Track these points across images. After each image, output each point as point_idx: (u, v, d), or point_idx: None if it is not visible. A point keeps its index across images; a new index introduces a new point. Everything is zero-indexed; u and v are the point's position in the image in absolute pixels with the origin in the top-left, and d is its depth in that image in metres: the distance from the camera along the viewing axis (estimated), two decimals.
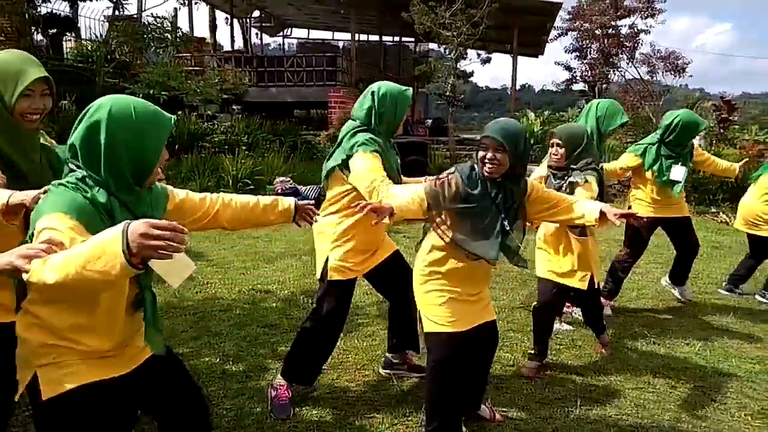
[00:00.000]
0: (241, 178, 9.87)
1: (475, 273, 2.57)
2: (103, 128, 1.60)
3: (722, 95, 17.94)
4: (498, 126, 2.40)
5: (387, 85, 2.94)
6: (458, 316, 2.53)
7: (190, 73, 14.38)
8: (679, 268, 4.94)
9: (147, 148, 1.67)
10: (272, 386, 3.10)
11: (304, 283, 5.24)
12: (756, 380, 3.58)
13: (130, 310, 1.76)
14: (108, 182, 1.63)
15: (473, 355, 2.70)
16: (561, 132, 3.38)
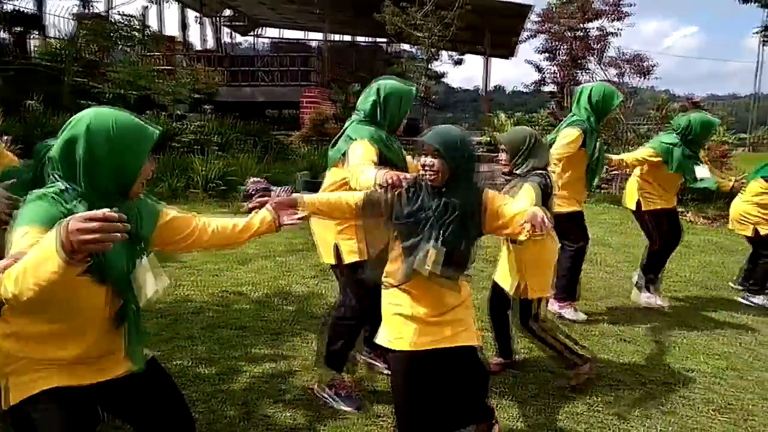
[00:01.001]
0: (212, 179, 9.77)
1: (434, 292, 2.31)
2: (81, 142, 1.59)
3: (689, 97, 18.36)
4: (435, 132, 2.28)
5: (393, 82, 2.98)
6: (407, 336, 2.33)
7: (161, 72, 14.19)
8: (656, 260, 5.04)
9: (127, 162, 1.65)
10: (322, 386, 3.11)
11: (278, 284, 5.21)
12: (722, 376, 3.67)
13: (113, 323, 1.74)
14: (89, 194, 1.61)
15: (444, 380, 2.44)
16: (503, 137, 3.34)
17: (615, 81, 16.54)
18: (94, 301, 1.67)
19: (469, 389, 2.51)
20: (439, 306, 2.33)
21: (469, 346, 2.37)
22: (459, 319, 2.37)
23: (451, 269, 2.21)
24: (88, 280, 1.60)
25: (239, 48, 29.87)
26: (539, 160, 3.19)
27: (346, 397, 3.08)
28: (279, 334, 4.08)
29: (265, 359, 3.66)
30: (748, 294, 5.24)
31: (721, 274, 6.09)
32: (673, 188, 4.85)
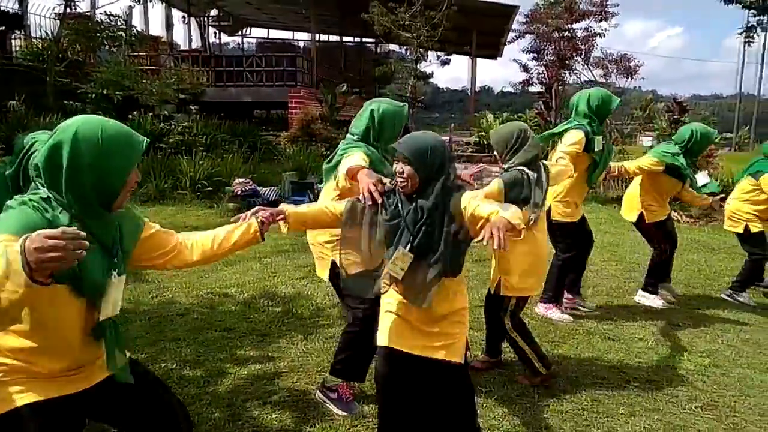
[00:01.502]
0: (198, 180, 9.71)
1: None
2: (66, 149, 1.56)
3: (674, 97, 18.54)
4: (407, 139, 2.28)
5: (385, 105, 3.01)
6: (391, 333, 2.34)
7: (146, 72, 14.08)
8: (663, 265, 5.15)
9: (111, 172, 1.62)
10: (325, 388, 3.11)
11: (264, 285, 5.19)
12: (706, 373, 3.70)
13: (92, 335, 1.72)
14: (71, 204, 1.59)
15: (421, 390, 2.41)
16: (491, 135, 3.48)
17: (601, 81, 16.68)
18: (71, 314, 1.65)
19: (451, 407, 2.42)
20: (427, 314, 2.30)
21: (451, 362, 2.31)
22: (447, 332, 2.33)
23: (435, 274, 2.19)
24: (65, 293, 1.58)
25: (226, 48, 29.78)
26: (524, 153, 3.25)
27: (348, 403, 3.07)
28: (265, 335, 4.06)
29: (251, 361, 3.64)
30: (731, 291, 5.30)
31: (705, 273, 6.15)
32: (667, 198, 4.98)
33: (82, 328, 1.69)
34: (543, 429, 2.98)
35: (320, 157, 11.92)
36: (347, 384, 3.11)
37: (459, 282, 2.36)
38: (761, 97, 43.25)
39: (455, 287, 2.33)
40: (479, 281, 5.42)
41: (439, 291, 2.24)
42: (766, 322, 4.71)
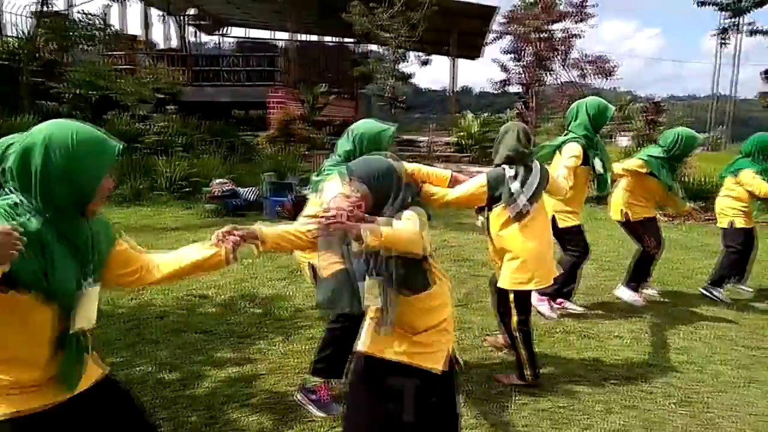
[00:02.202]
0: (176, 180, 9.61)
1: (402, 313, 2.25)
2: (37, 153, 1.54)
3: (650, 98, 18.82)
4: (359, 161, 2.31)
5: (365, 127, 3.01)
6: (368, 340, 2.32)
7: (122, 72, 13.92)
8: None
9: (84, 177, 1.59)
10: (306, 390, 3.10)
11: (244, 287, 5.15)
12: (681, 370, 3.77)
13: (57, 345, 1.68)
14: (44, 209, 1.56)
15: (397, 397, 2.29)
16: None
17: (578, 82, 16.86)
18: (40, 324, 1.61)
19: (431, 416, 2.31)
20: (408, 327, 2.28)
21: (431, 371, 2.26)
22: (429, 342, 2.29)
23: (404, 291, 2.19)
24: (32, 301, 1.55)
25: (204, 47, 29.49)
26: (503, 150, 3.35)
27: (326, 405, 3.06)
28: (244, 337, 4.03)
29: (229, 363, 3.62)
30: (708, 285, 5.43)
31: (680, 270, 6.25)
32: (653, 198, 5.03)
33: (52, 338, 1.65)
34: (521, 427, 3.00)
35: (299, 158, 11.90)
36: (327, 386, 3.11)
37: (434, 297, 2.30)
38: (736, 97, 44.13)
39: (431, 302, 2.29)
40: (457, 281, 5.45)
41: (413, 309, 2.24)
42: (739, 318, 4.80)
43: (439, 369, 2.26)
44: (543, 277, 3.41)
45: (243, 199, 9.13)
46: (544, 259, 3.43)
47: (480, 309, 4.76)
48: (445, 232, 7.72)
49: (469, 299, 5.01)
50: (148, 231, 7.40)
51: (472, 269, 5.93)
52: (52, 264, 1.55)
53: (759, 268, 5.98)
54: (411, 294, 2.23)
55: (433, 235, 7.34)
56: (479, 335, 4.20)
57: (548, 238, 3.56)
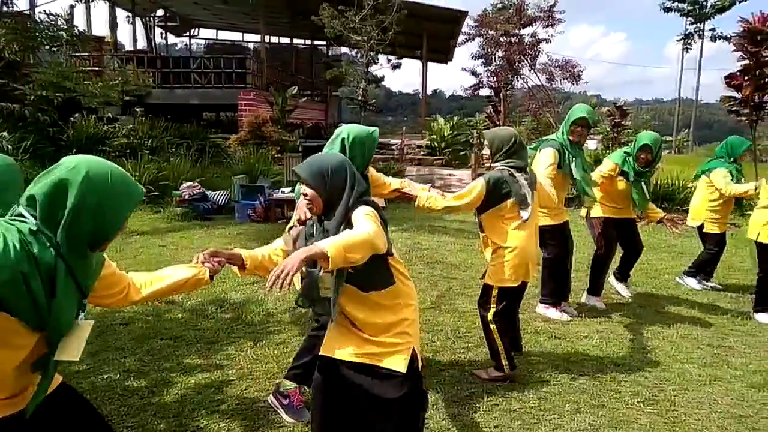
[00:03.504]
0: (144, 184, 9.43)
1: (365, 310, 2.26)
2: (75, 189, 1.52)
3: (615, 102, 19.18)
4: (306, 162, 2.25)
5: (355, 130, 3.01)
6: (337, 343, 2.31)
7: (88, 73, 13.64)
8: (624, 266, 5.42)
9: (113, 216, 1.60)
10: (279, 394, 3.07)
11: (213, 292, 5.08)
12: (647, 369, 3.83)
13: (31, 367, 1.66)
14: (61, 243, 1.54)
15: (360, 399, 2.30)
16: (487, 134, 3.69)
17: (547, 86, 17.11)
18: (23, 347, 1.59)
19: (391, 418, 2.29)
20: (368, 326, 2.27)
21: (392, 372, 2.24)
22: (391, 342, 2.27)
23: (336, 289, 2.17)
24: (23, 328, 1.53)
25: (173, 49, 29.14)
26: (520, 159, 3.49)
27: (298, 411, 3.03)
28: (213, 343, 3.98)
29: (198, 369, 3.56)
30: (683, 274, 5.73)
31: (646, 271, 6.37)
32: (624, 201, 5.04)
33: (30, 361, 1.63)
34: (492, 428, 3.02)
35: (271, 160, 11.82)
36: (300, 391, 3.08)
37: (393, 295, 2.29)
38: (699, 101, 45.24)
39: (390, 300, 2.28)
40: (429, 283, 5.47)
41: (372, 306, 2.25)
42: (703, 318, 4.91)
43: (400, 370, 2.24)
44: (527, 275, 3.55)
45: (213, 203, 9.02)
46: (533, 258, 3.58)
47: (451, 311, 4.78)
48: (417, 234, 7.74)
49: (440, 301, 5.03)
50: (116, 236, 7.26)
51: (445, 271, 5.95)
52: (56, 299, 1.53)
53: (722, 267, 6.14)
54: (371, 290, 2.23)
55: (405, 237, 7.40)
56: (451, 337, 4.22)
57: (537, 238, 3.68)
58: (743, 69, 10.92)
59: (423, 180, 13.27)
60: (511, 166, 3.44)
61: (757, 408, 3.34)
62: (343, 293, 2.20)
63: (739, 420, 3.20)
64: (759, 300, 5.00)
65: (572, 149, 4.53)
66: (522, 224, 3.43)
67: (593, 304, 5.10)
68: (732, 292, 5.71)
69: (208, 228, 7.92)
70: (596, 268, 5.17)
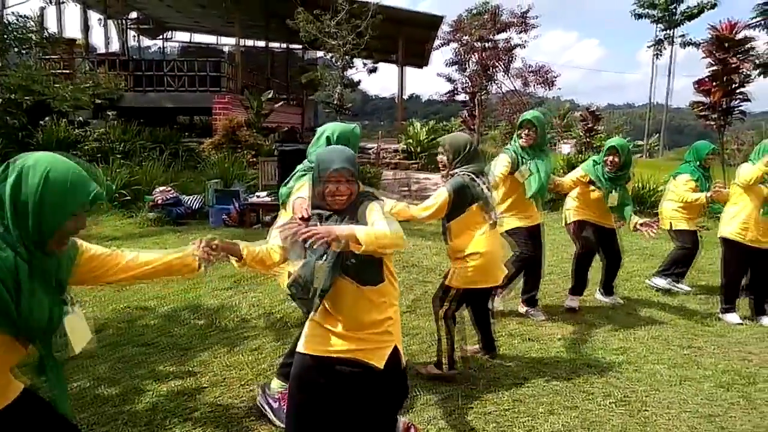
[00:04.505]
0: (116, 189, 9.28)
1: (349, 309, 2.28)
2: (9, 186, 1.55)
3: (589, 106, 19.48)
4: (336, 155, 2.24)
5: (339, 128, 3.02)
6: (313, 340, 2.33)
7: (59, 76, 13.41)
8: (607, 278, 5.44)
9: (47, 215, 1.58)
10: (268, 397, 3.05)
11: (187, 297, 5.02)
12: (619, 369, 3.89)
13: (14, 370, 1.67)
14: (18, 241, 1.55)
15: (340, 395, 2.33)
16: (445, 140, 3.66)
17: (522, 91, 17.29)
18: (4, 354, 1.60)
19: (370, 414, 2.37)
20: (353, 324, 2.28)
21: (372, 365, 2.27)
22: (374, 339, 2.30)
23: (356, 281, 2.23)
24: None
25: (147, 52, 28.76)
26: (478, 164, 3.51)
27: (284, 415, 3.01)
28: (187, 349, 3.93)
29: (171, 377, 3.51)
30: (654, 275, 5.89)
31: (618, 274, 6.44)
32: (599, 210, 5.06)
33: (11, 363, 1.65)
34: (468, 431, 3.03)
35: (246, 165, 11.72)
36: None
37: (381, 293, 2.31)
38: (670, 106, 46.14)
39: (377, 297, 2.30)
40: (405, 287, 5.48)
41: (361, 301, 2.26)
42: (674, 319, 5.00)
43: (380, 366, 2.27)
44: (493, 279, 3.58)
45: (187, 207, 8.92)
46: (498, 262, 3.60)
47: (428, 315, 4.77)
48: None
49: (416, 305, 5.04)
50: (86, 241, 7.12)
51: (421, 275, 5.97)
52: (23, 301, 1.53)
53: (692, 269, 6.25)
54: (367, 285, 2.25)
55: None
56: (427, 341, 4.22)
57: (501, 241, 3.72)
58: (712, 75, 11.19)
59: (399, 184, 13.30)
60: (470, 172, 3.44)
61: (726, 407, 3.41)
62: (335, 286, 2.20)
63: (709, 419, 3.26)
64: (726, 300, 5.11)
65: (525, 153, 4.54)
66: (487, 228, 3.45)
67: (569, 305, 5.14)
68: (701, 294, 5.83)
69: (181, 233, 7.82)
70: (577, 267, 5.20)
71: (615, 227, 5.23)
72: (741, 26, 11.10)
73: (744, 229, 4.88)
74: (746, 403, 3.48)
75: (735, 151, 22.89)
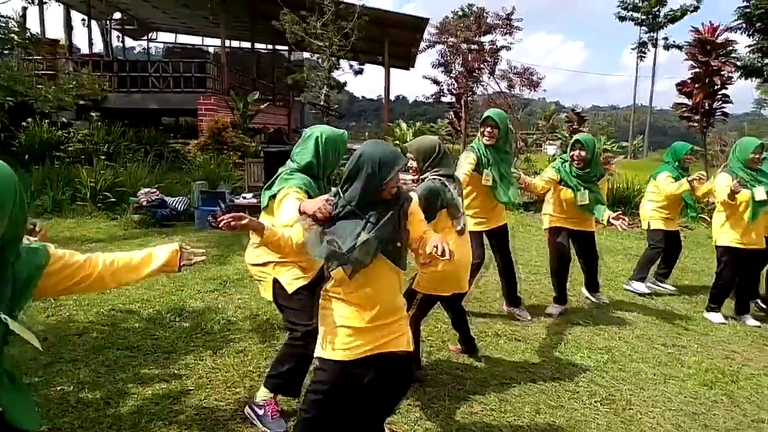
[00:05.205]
0: (100, 190, 9.19)
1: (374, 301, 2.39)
2: None
3: (573, 108, 19.61)
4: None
5: (327, 131, 3.02)
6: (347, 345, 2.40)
7: (41, 77, 13.28)
8: (588, 276, 5.47)
9: None
10: (254, 405, 3.04)
11: (171, 300, 4.98)
12: (604, 369, 3.92)
13: None
14: None
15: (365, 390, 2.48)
16: (410, 146, 3.57)
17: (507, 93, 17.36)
18: None
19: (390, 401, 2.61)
20: (386, 308, 2.42)
21: (399, 354, 2.46)
22: (398, 326, 2.48)
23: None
24: None
25: (131, 53, 28.56)
26: (448, 166, 3.44)
27: (274, 421, 2.98)
28: (171, 352, 3.89)
29: (156, 380, 3.48)
30: (630, 280, 5.93)
31: (603, 273, 6.48)
32: (575, 211, 4.98)
33: None
34: (454, 431, 3.03)
35: (232, 166, 11.67)
36: (275, 401, 3.04)
37: (401, 278, 2.52)
38: (653, 108, 46.63)
39: (400, 282, 2.51)
40: None
41: (396, 284, 2.47)
42: (658, 319, 5.05)
43: (409, 349, 2.50)
44: (460, 286, 3.55)
45: (172, 209, 8.85)
46: (466, 267, 3.57)
47: None
48: None
49: None
50: (70, 244, 7.03)
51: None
52: None
53: (675, 269, 6.32)
54: (399, 267, 2.43)
55: None
56: None
57: (468, 248, 3.62)
58: (694, 77, 11.31)
59: None
60: (440, 175, 3.37)
61: (709, 405, 3.45)
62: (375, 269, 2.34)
63: (692, 417, 3.29)
64: (713, 299, 5.15)
65: (487, 152, 4.49)
66: (454, 233, 3.37)
67: (549, 311, 5.07)
68: (685, 294, 5.89)
69: (166, 235, 7.76)
70: (556, 278, 5.15)
71: (593, 230, 5.19)
72: (722, 29, 11.23)
73: (740, 234, 4.87)
74: (729, 401, 3.52)
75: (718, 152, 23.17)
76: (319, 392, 2.44)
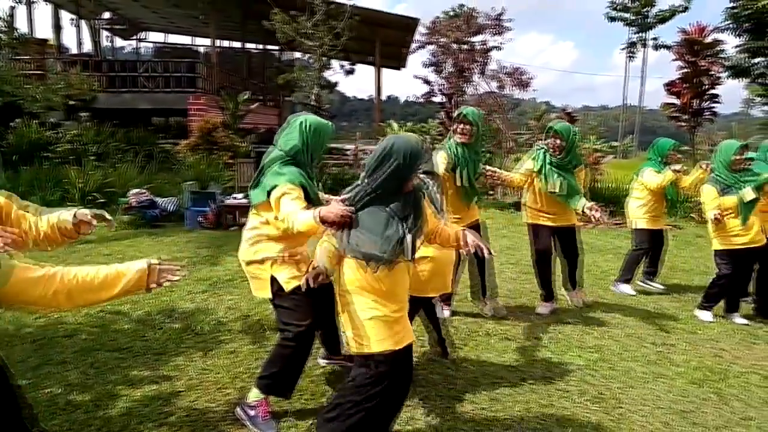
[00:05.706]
0: (89, 191, 9.14)
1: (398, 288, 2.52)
2: None
3: (564, 108, 19.68)
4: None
5: (311, 118, 3.01)
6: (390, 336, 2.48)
7: (30, 77, 13.18)
8: (569, 273, 5.40)
9: None
10: (246, 406, 3.03)
11: (161, 301, 4.95)
12: (595, 367, 3.94)
13: None
14: None
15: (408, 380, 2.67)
16: None
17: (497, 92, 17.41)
18: None
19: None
20: (400, 301, 2.53)
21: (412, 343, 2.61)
22: (407, 320, 2.61)
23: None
24: None
25: (121, 52, 28.39)
26: (428, 163, 3.40)
27: (264, 422, 2.97)
28: (161, 354, 3.87)
29: (146, 381, 3.46)
30: (617, 282, 5.94)
31: (593, 273, 6.55)
32: (554, 204, 4.93)
33: None
34: (445, 430, 3.04)
35: (222, 166, 11.62)
36: (266, 402, 3.03)
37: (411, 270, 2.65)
38: (643, 108, 46.91)
39: (410, 274, 2.61)
40: None
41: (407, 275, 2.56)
42: (648, 317, 5.07)
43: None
44: (444, 287, 3.59)
45: (162, 210, 8.81)
46: (449, 267, 3.60)
47: None
48: None
49: None
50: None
51: None
52: None
53: (664, 267, 6.36)
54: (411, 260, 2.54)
55: None
56: None
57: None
58: (682, 77, 11.40)
59: None
60: (422, 172, 3.33)
61: (698, 403, 3.47)
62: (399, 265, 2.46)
63: (682, 415, 3.31)
64: (707, 298, 5.16)
65: (461, 152, 4.44)
66: None
67: (539, 311, 5.08)
68: (675, 292, 5.92)
69: (157, 236, 7.72)
70: (539, 274, 5.16)
71: (574, 224, 5.14)
72: (710, 29, 11.33)
73: (737, 236, 4.87)
74: (718, 399, 3.54)
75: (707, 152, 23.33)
76: (378, 384, 2.48)
